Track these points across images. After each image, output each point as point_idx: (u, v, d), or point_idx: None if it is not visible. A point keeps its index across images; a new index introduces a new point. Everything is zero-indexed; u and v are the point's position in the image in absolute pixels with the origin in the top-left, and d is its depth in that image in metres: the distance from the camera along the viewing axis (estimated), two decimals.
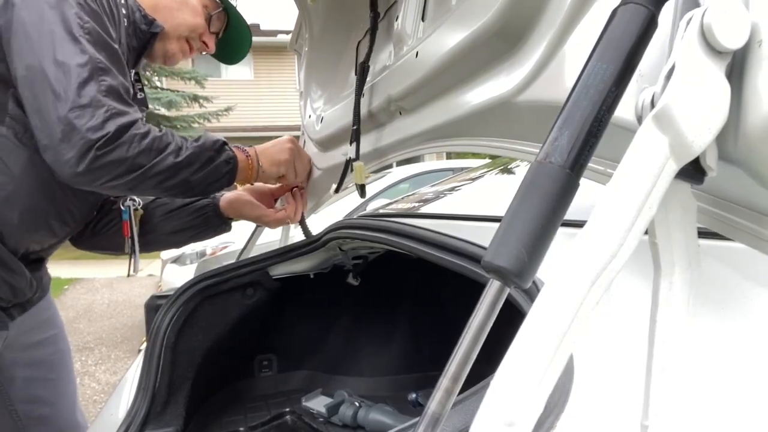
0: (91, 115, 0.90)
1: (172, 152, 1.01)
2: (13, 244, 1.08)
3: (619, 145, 0.35)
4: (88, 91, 0.91)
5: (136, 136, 0.96)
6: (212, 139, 1.11)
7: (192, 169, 1.04)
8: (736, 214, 0.41)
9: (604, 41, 0.35)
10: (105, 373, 4.05)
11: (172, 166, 1.01)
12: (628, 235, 0.31)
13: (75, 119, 0.89)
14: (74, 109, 0.89)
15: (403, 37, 0.96)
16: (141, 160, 0.97)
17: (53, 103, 0.90)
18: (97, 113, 0.90)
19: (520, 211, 0.34)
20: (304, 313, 1.44)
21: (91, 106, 0.90)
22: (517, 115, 0.63)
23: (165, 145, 1.01)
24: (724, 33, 0.32)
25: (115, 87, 0.95)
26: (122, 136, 0.93)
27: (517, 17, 0.56)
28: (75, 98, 0.89)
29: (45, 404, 1.26)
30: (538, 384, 0.30)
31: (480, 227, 0.99)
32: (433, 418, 0.33)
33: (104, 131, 0.91)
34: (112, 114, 0.92)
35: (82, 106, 0.90)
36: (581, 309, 0.31)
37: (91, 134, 0.89)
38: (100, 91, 0.92)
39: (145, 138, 0.97)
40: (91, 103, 0.90)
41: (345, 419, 1.28)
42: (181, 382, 1.12)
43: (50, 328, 1.30)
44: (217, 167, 1.09)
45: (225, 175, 1.11)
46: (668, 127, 0.32)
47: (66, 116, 0.89)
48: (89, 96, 0.90)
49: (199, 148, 1.06)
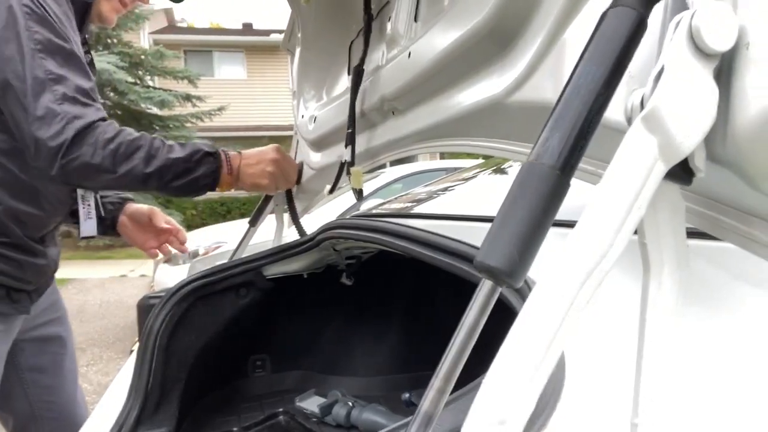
0: (48, 125, 0.96)
1: (141, 159, 1.03)
2: (32, 231, 1.17)
3: (609, 146, 0.36)
4: (43, 102, 0.97)
5: (100, 141, 0.99)
6: (193, 150, 1.11)
7: (165, 179, 1.06)
8: (725, 215, 0.41)
9: (594, 43, 0.36)
10: (97, 374, 4.02)
11: (141, 175, 1.03)
12: (618, 236, 0.32)
13: (36, 131, 0.96)
14: (34, 122, 0.96)
15: (395, 38, 0.96)
16: (106, 164, 1.00)
17: (23, 118, 0.98)
18: (54, 122, 0.96)
19: (511, 211, 0.34)
20: (298, 313, 1.44)
21: (47, 117, 0.97)
22: (509, 116, 0.64)
23: (133, 150, 1.02)
24: (712, 35, 0.33)
25: (68, 94, 0.98)
26: (84, 140, 0.97)
27: (509, 19, 0.56)
28: (33, 112, 0.96)
29: (50, 375, 1.39)
30: (530, 382, 0.31)
31: (472, 227, 1.00)
32: (425, 418, 0.34)
33: (62, 138, 0.96)
34: (68, 120, 0.97)
35: (40, 118, 0.96)
36: (572, 308, 0.31)
37: (52, 143, 0.96)
38: (54, 101, 0.97)
39: (110, 143, 1.00)
40: (46, 114, 0.96)
41: (338, 419, 1.28)
42: (174, 383, 1.12)
43: (57, 310, 1.42)
44: (195, 179, 1.11)
45: (203, 187, 1.14)
46: (657, 128, 0.32)
47: (30, 130, 0.97)
48: (44, 107, 0.97)
49: (174, 160, 1.07)
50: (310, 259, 1.31)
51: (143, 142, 1.03)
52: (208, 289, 1.18)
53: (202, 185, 1.12)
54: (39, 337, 1.36)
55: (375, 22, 1.12)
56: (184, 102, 11.02)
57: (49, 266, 1.27)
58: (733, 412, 0.44)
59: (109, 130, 1.00)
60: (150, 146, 1.04)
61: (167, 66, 10.96)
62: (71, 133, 0.96)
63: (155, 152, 1.04)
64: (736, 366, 0.47)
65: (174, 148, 1.08)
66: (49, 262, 1.26)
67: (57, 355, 1.43)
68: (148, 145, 1.04)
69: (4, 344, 1.22)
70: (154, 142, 1.05)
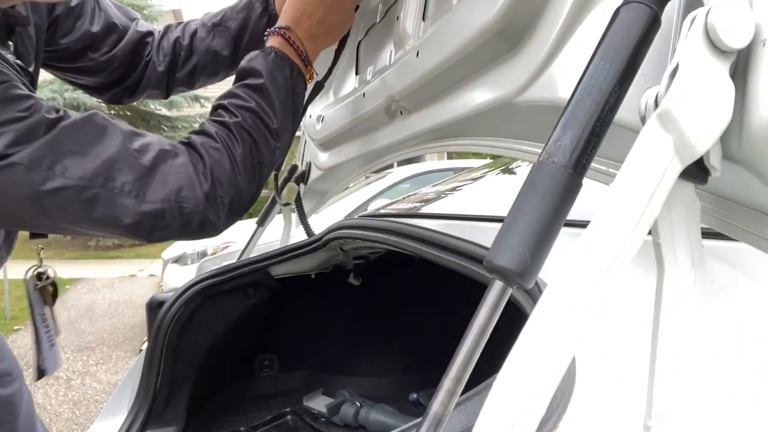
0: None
1: (250, 143, 0.82)
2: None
3: (622, 145, 0.35)
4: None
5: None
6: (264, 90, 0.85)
7: (277, 117, 0.85)
8: (741, 214, 0.41)
9: (606, 41, 0.35)
10: (106, 373, 4.05)
11: (264, 138, 0.83)
12: (632, 236, 0.31)
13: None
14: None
15: (403, 37, 0.96)
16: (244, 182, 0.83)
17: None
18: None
19: (522, 211, 0.34)
20: (305, 313, 1.44)
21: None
22: (519, 115, 0.63)
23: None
24: (728, 32, 0.32)
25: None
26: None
27: (519, 16, 0.56)
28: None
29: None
30: (541, 385, 0.30)
31: (482, 227, 0.99)
32: (435, 419, 0.33)
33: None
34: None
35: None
36: (584, 310, 0.31)
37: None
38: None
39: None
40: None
41: (346, 419, 1.28)
42: (182, 382, 1.12)
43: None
44: (284, 81, 0.88)
45: (296, 75, 0.90)
46: (672, 126, 0.32)
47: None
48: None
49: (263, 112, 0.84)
50: (318, 260, 1.31)
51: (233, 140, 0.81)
52: (216, 288, 1.18)
53: (296, 92, 0.90)
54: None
55: (383, 22, 1.12)
56: (192, 102, 11.07)
57: None
58: (748, 415, 0.43)
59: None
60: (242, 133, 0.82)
61: None
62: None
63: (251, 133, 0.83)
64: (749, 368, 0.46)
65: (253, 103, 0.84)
66: None
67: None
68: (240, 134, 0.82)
69: None
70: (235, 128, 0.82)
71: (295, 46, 0.90)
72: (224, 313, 1.20)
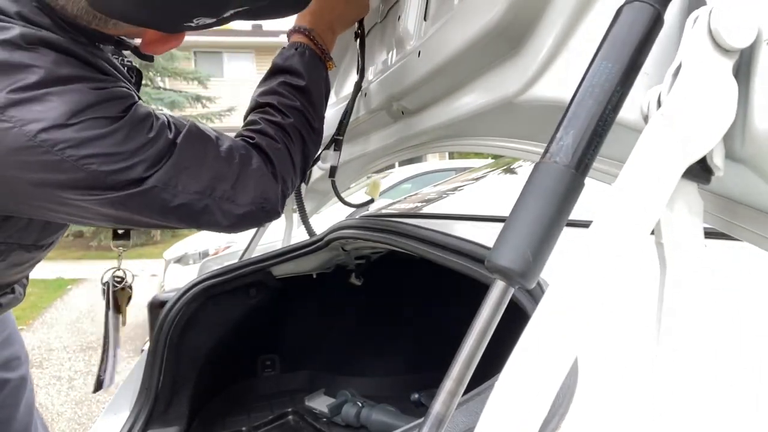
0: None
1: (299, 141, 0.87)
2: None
3: (624, 144, 0.35)
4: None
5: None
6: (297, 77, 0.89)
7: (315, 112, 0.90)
8: (744, 214, 0.40)
9: (609, 40, 0.35)
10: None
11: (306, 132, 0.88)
12: (634, 236, 0.31)
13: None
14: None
15: (405, 37, 0.96)
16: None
17: None
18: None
19: (524, 211, 0.33)
20: (307, 313, 1.44)
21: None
22: (521, 115, 0.63)
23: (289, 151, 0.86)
24: (731, 32, 0.32)
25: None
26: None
27: (521, 15, 0.56)
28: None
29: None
30: (543, 386, 0.30)
31: (483, 227, 0.99)
32: (437, 420, 0.33)
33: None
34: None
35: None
36: (586, 310, 0.31)
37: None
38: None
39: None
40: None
41: (348, 419, 1.28)
42: (184, 382, 1.12)
43: (11, 344, 1.17)
44: (321, 81, 0.93)
45: (326, 75, 0.95)
46: (675, 126, 0.32)
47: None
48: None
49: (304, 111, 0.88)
50: (320, 260, 1.31)
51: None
52: (218, 288, 1.18)
53: (325, 76, 0.95)
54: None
55: (384, 22, 1.12)
56: (194, 103, 11.10)
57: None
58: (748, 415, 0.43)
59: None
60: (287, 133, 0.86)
61: (177, 67, 11.04)
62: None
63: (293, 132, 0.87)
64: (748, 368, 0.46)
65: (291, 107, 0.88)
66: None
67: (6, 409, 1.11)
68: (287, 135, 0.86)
69: None
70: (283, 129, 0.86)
71: (320, 45, 0.95)
72: (226, 313, 1.20)
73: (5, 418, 1.11)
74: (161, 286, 5.09)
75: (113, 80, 0.72)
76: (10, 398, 1.13)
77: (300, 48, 0.92)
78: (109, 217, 0.74)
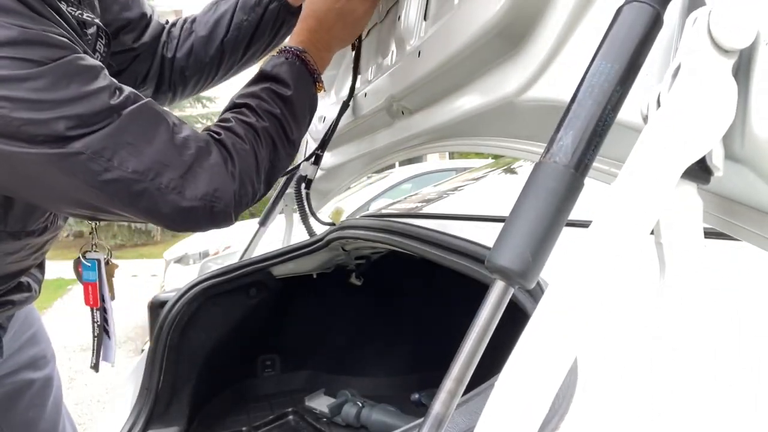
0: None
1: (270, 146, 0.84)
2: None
3: (624, 144, 0.35)
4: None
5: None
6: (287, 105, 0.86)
7: (294, 125, 0.87)
8: (743, 214, 0.40)
9: (609, 40, 0.35)
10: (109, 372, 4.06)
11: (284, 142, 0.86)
12: (634, 236, 0.31)
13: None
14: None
15: (405, 36, 0.96)
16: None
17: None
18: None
19: (524, 211, 0.33)
20: (307, 313, 1.44)
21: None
22: (521, 115, 0.63)
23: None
24: (730, 32, 0.32)
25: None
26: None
27: (521, 15, 0.56)
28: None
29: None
30: (543, 386, 0.30)
31: (483, 227, 0.99)
32: (436, 420, 0.33)
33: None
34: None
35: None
36: (586, 310, 0.31)
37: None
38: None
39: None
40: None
41: (348, 419, 1.28)
42: (184, 382, 1.13)
43: (38, 342, 1.16)
44: (307, 96, 0.90)
45: (315, 92, 0.92)
46: (674, 126, 0.32)
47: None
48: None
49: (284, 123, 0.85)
50: (320, 260, 1.31)
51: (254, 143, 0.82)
52: (218, 288, 1.18)
53: (314, 92, 0.92)
54: (14, 386, 1.05)
55: (385, 21, 1.12)
56: (194, 103, 11.10)
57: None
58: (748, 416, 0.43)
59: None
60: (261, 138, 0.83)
61: None
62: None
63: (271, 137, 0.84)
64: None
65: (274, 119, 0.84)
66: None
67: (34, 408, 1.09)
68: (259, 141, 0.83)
69: None
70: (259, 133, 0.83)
71: (311, 65, 0.91)
72: (226, 313, 1.20)
73: (32, 419, 1.09)
74: (161, 286, 5.09)
75: (50, 25, 0.65)
76: (37, 398, 1.10)
77: (291, 58, 0.89)
78: (37, 180, 0.68)
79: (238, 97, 0.88)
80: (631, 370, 0.46)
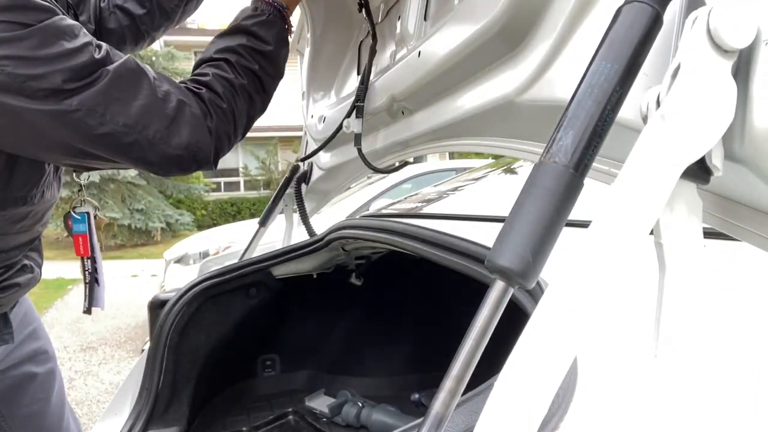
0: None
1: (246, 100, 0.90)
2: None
3: (623, 145, 0.35)
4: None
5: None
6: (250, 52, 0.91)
7: (265, 76, 0.92)
8: (743, 214, 0.40)
9: (608, 40, 0.35)
10: (108, 373, 4.05)
11: (252, 98, 0.92)
12: (633, 236, 0.31)
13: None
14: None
15: (405, 37, 0.96)
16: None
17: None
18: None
19: (524, 211, 0.33)
20: (307, 313, 1.44)
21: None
22: (521, 115, 0.63)
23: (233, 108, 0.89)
24: (730, 32, 0.32)
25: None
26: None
27: (520, 15, 0.56)
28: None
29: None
30: (543, 385, 0.30)
31: (483, 227, 0.99)
32: (436, 419, 0.33)
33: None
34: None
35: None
36: (586, 310, 0.31)
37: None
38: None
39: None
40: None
41: (348, 419, 1.28)
42: (185, 382, 1.12)
43: (37, 338, 1.18)
44: (283, 46, 0.95)
45: (286, 38, 0.96)
46: (674, 126, 0.32)
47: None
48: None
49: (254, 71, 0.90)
50: (320, 260, 1.31)
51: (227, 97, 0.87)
52: (219, 288, 1.18)
53: (284, 38, 0.96)
54: (16, 379, 1.08)
55: (384, 22, 1.12)
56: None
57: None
58: (748, 415, 0.43)
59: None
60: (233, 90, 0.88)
61: (178, 67, 11.02)
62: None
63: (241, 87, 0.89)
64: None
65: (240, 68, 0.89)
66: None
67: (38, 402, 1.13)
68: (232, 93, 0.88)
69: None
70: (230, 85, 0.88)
71: (290, 23, 0.97)
72: (226, 313, 1.20)
73: (37, 411, 1.13)
74: (161, 286, 5.09)
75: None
76: (41, 392, 1.14)
77: (271, 19, 0.92)
78: (42, 135, 0.75)
79: (215, 51, 0.92)
80: (630, 370, 0.46)
